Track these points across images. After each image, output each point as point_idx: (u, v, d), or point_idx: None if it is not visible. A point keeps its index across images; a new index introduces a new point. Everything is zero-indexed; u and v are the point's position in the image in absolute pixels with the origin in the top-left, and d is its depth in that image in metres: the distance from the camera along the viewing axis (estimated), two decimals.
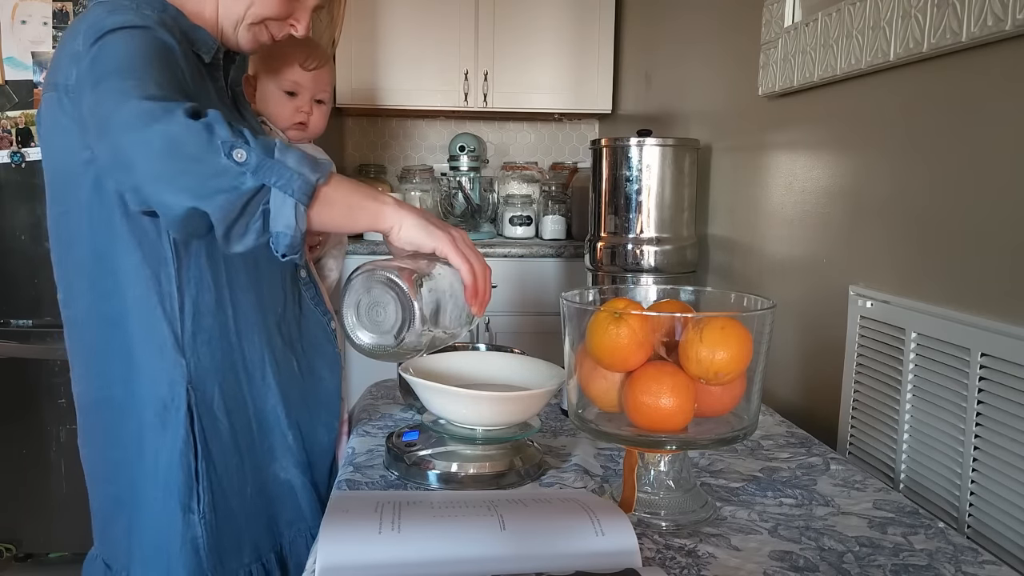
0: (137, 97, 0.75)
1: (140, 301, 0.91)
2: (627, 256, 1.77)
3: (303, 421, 1.06)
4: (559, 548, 0.67)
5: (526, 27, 2.73)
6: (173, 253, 0.91)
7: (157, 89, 0.77)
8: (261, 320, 1.00)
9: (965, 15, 0.91)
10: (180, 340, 0.92)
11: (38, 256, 2.12)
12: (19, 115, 2.06)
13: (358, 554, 0.65)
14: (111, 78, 0.78)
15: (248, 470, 0.99)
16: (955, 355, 0.92)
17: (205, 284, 0.93)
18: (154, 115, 0.74)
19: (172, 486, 0.93)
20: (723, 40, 1.78)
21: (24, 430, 2.17)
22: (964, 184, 0.95)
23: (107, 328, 0.93)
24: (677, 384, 0.75)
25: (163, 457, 0.93)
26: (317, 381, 1.09)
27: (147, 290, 0.91)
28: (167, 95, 0.77)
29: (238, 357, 0.97)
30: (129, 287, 0.91)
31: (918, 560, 0.73)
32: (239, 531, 0.97)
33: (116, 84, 0.77)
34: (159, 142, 0.73)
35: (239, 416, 0.98)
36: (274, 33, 1.08)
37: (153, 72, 0.80)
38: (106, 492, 1.01)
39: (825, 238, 1.29)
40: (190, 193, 0.74)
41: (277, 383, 1.01)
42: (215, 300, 0.94)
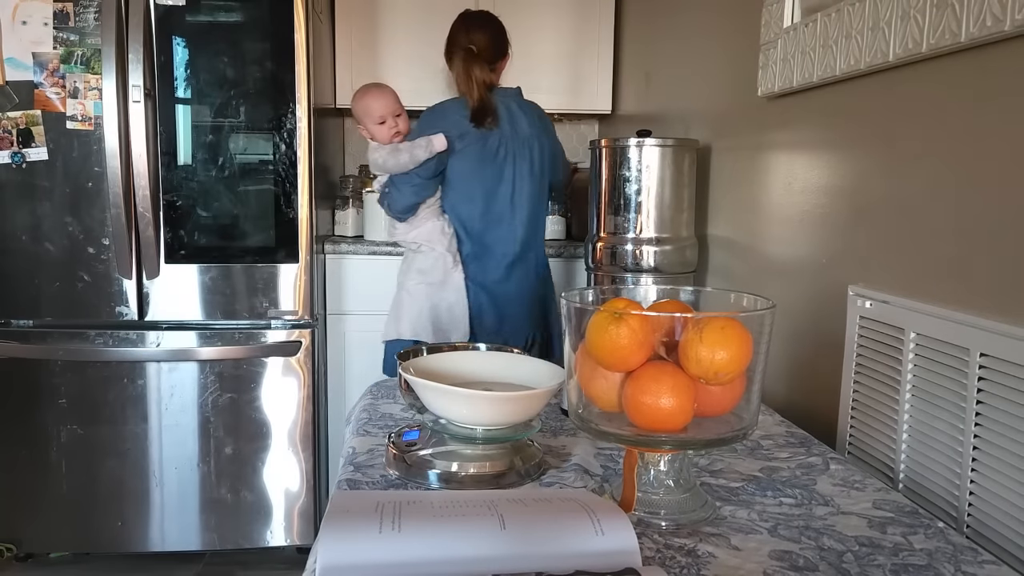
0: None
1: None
2: (627, 256, 1.77)
3: None
4: (559, 547, 0.67)
5: (526, 27, 2.73)
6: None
7: None
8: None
9: (964, 16, 0.91)
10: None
11: (38, 256, 2.12)
12: (20, 115, 2.07)
13: (358, 553, 0.65)
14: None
15: None
16: (954, 355, 0.92)
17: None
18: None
19: None
20: (722, 40, 1.78)
21: (24, 430, 2.17)
22: (964, 184, 0.95)
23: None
24: (677, 384, 0.75)
25: None
26: None
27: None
28: None
29: None
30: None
31: (918, 560, 0.73)
32: None
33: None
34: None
35: None
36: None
37: None
38: None
39: (824, 238, 1.29)
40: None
41: None
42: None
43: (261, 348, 2.20)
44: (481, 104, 1.97)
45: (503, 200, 2.04)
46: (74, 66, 2.06)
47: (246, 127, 2.16)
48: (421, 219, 2.01)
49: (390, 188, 2.00)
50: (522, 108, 2.08)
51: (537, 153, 2.08)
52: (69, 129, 2.08)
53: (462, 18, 2.10)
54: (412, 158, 1.93)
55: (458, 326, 2.01)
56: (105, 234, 2.13)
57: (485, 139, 2.00)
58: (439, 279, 2.00)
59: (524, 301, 2.09)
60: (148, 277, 2.15)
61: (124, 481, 2.21)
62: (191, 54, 2.13)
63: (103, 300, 2.15)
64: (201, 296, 2.18)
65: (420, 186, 1.97)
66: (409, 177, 1.96)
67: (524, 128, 2.06)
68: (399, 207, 1.99)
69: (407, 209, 1.99)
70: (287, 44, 2.13)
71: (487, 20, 2.10)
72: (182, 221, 2.16)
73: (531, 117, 2.08)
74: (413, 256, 2.05)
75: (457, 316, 2.01)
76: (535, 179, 2.08)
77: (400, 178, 1.97)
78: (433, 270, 2.01)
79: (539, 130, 2.09)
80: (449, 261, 2.01)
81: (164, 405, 2.20)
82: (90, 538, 2.24)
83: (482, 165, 2.01)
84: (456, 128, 1.96)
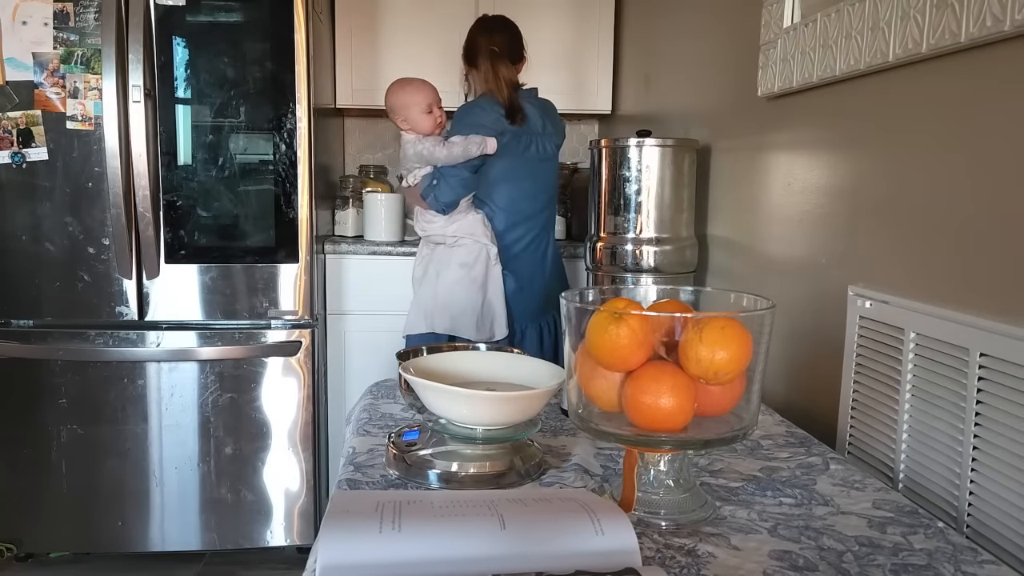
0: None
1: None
2: (627, 256, 1.77)
3: None
4: (559, 547, 0.67)
5: (526, 27, 2.72)
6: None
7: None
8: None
9: (964, 16, 0.91)
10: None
11: (38, 256, 2.12)
12: (20, 115, 2.07)
13: (358, 553, 0.65)
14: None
15: None
16: (954, 355, 0.92)
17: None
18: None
19: None
20: (722, 41, 1.78)
21: (24, 430, 2.17)
22: (963, 184, 0.95)
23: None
24: (677, 384, 0.75)
25: None
26: None
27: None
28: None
29: None
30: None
31: (917, 560, 0.73)
32: None
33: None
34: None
35: None
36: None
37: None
38: None
39: (824, 238, 1.29)
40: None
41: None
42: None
43: (261, 348, 2.20)
44: (512, 102, 2.05)
45: (529, 197, 2.13)
46: (74, 66, 2.06)
47: (246, 127, 2.16)
48: (460, 212, 2.06)
49: (438, 180, 2.03)
50: (541, 107, 2.16)
51: (553, 150, 2.18)
52: (69, 129, 2.08)
53: (480, 23, 2.19)
54: (465, 152, 1.99)
55: (498, 320, 2.08)
56: (105, 234, 2.13)
57: (519, 137, 2.08)
58: (482, 272, 2.06)
59: (546, 292, 2.18)
60: (148, 277, 2.15)
61: (124, 481, 2.21)
62: (191, 54, 2.13)
63: (103, 300, 2.15)
64: (201, 296, 2.18)
65: (469, 179, 2.04)
66: (459, 170, 2.01)
67: (545, 125, 2.15)
68: (447, 199, 2.03)
69: (453, 203, 2.04)
70: (287, 44, 2.13)
71: (505, 24, 2.17)
72: (182, 221, 2.16)
73: (550, 116, 2.18)
74: (450, 250, 2.08)
75: (497, 311, 2.08)
76: (553, 176, 2.20)
77: (450, 171, 2.01)
78: (476, 263, 2.05)
79: (556, 128, 2.19)
80: (493, 254, 2.07)
81: (164, 405, 2.20)
82: (90, 538, 2.24)
83: (515, 162, 2.09)
84: (496, 126, 2.04)
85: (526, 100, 2.12)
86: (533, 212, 2.15)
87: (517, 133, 2.07)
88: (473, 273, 2.05)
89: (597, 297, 0.91)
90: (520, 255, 2.15)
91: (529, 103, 2.13)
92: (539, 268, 2.19)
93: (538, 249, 2.19)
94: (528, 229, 2.15)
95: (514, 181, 2.12)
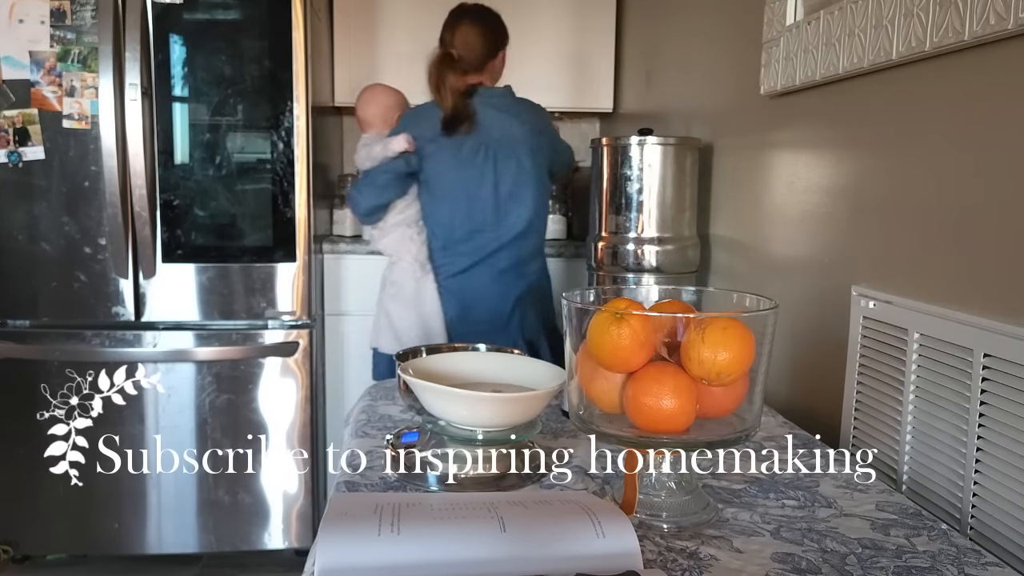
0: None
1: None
2: (628, 256, 1.77)
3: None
4: (560, 550, 0.67)
5: (526, 26, 2.72)
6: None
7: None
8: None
9: (967, 14, 0.90)
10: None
11: (35, 256, 2.11)
12: (16, 114, 2.06)
13: (357, 556, 0.64)
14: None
15: None
16: (958, 356, 0.91)
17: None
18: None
19: None
20: (724, 38, 1.77)
21: (21, 431, 2.16)
22: (967, 183, 0.95)
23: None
24: (679, 385, 0.74)
25: None
26: None
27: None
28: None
29: None
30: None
31: (921, 562, 0.72)
32: None
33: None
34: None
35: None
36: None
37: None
38: None
39: (827, 238, 1.28)
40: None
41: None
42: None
43: (259, 349, 2.19)
44: (454, 112, 1.90)
45: (485, 205, 1.94)
46: (71, 64, 2.05)
47: (244, 126, 2.16)
48: (390, 227, 1.98)
49: (356, 187, 1.97)
50: (509, 108, 1.98)
51: (527, 153, 1.96)
52: (66, 128, 2.07)
53: (453, 13, 2.01)
54: (369, 155, 1.92)
55: (434, 338, 1.94)
56: (102, 234, 2.12)
57: (460, 143, 1.92)
58: (411, 290, 1.95)
59: (510, 311, 1.98)
60: (145, 277, 2.14)
61: (121, 483, 2.20)
62: (188, 52, 2.12)
63: (100, 300, 2.14)
64: (198, 296, 2.18)
65: (382, 187, 1.92)
66: (372, 176, 1.93)
67: (510, 129, 1.95)
68: (360, 209, 1.96)
69: (368, 211, 1.95)
70: (285, 42, 2.12)
71: (479, 18, 1.99)
72: (179, 220, 2.15)
73: (520, 116, 1.98)
74: (390, 266, 2.03)
75: (433, 329, 1.95)
76: (527, 182, 1.97)
77: (366, 177, 1.95)
78: (404, 281, 1.97)
79: (530, 130, 1.98)
80: (418, 271, 1.95)
81: (161, 406, 2.19)
82: (87, 540, 2.23)
83: (459, 169, 1.92)
84: (429, 131, 1.91)
85: (488, 101, 1.95)
86: (490, 223, 1.94)
87: (459, 140, 1.91)
88: (403, 292, 1.97)
89: (598, 297, 0.90)
90: (458, 278, 1.97)
91: (491, 104, 1.95)
92: (506, 286, 1.97)
93: (503, 266, 1.96)
94: (485, 243, 1.94)
95: (451, 199, 1.94)
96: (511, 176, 1.94)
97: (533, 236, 2.03)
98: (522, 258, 2.00)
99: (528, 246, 2.01)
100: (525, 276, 2.01)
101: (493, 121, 1.94)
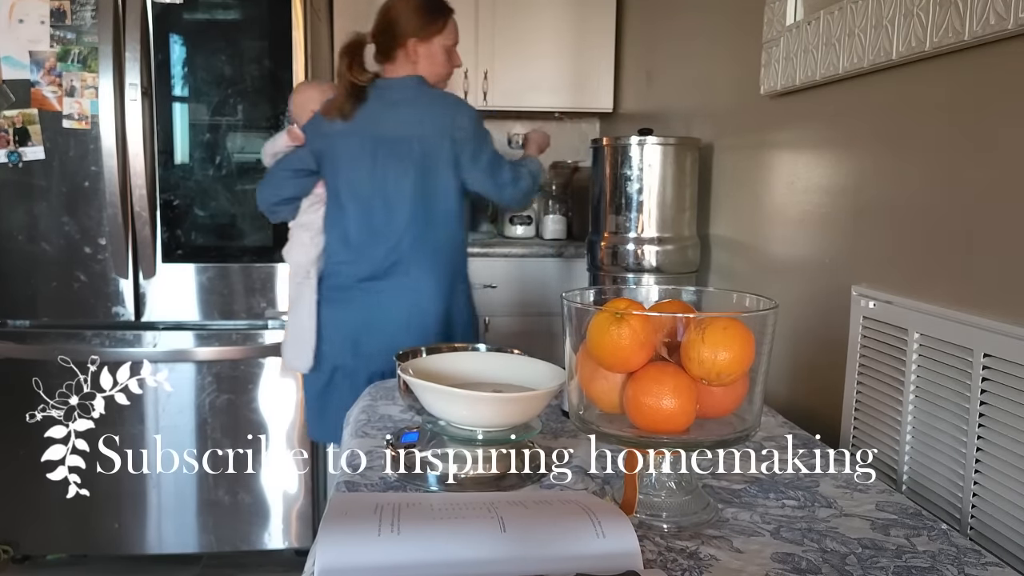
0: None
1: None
2: (628, 256, 1.77)
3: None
4: (560, 550, 0.67)
5: (526, 26, 2.73)
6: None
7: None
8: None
9: (967, 14, 0.90)
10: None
11: (35, 256, 2.11)
12: (16, 114, 2.06)
13: (357, 556, 0.64)
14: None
15: None
16: (958, 356, 0.91)
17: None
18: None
19: None
20: (725, 38, 1.77)
21: (20, 431, 2.16)
22: (967, 184, 0.95)
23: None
24: (679, 385, 0.74)
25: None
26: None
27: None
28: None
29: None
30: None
31: (921, 562, 0.72)
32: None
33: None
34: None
35: None
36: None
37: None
38: None
39: (827, 238, 1.28)
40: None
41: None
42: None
43: (259, 349, 2.19)
44: (330, 102, 1.73)
45: (379, 211, 1.70)
46: (71, 64, 2.05)
47: (244, 126, 2.16)
48: (293, 228, 1.83)
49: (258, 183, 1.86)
50: (412, 102, 1.71)
51: (418, 153, 1.68)
52: (66, 128, 2.07)
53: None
54: (271, 150, 1.84)
55: (304, 350, 1.76)
56: (102, 234, 2.12)
57: (348, 140, 1.70)
58: (296, 295, 1.79)
59: (397, 334, 1.68)
60: (145, 277, 2.14)
61: (121, 483, 2.20)
62: (188, 52, 2.12)
63: (100, 300, 2.14)
64: (198, 296, 2.18)
65: (277, 184, 1.79)
66: (271, 172, 1.82)
67: (403, 127, 1.69)
68: (259, 204, 1.83)
69: (266, 208, 1.82)
70: (285, 42, 2.12)
71: (388, 5, 1.77)
72: (179, 221, 2.15)
73: (422, 112, 1.70)
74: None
75: (305, 340, 1.76)
76: (423, 188, 1.69)
77: (266, 174, 1.85)
78: (292, 285, 1.81)
79: (432, 129, 1.69)
80: (300, 276, 1.77)
81: (161, 406, 2.19)
82: (87, 540, 2.22)
83: (351, 170, 1.71)
84: (325, 126, 1.72)
85: (380, 97, 1.70)
86: (383, 231, 1.70)
87: (347, 141, 1.69)
88: (292, 296, 1.81)
89: (598, 297, 0.90)
90: (338, 292, 1.75)
91: (383, 100, 1.70)
92: (392, 304, 1.71)
93: (393, 282, 1.71)
94: (379, 254, 1.70)
95: (348, 192, 1.72)
96: (405, 180, 1.68)
97: (434, 253, 1.73)
98: (417, 274, 1.72)
99: (421, 261, 1.71)
100: (422, 298, 1.72)
101: (384, 116, 1.69)
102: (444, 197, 1.72)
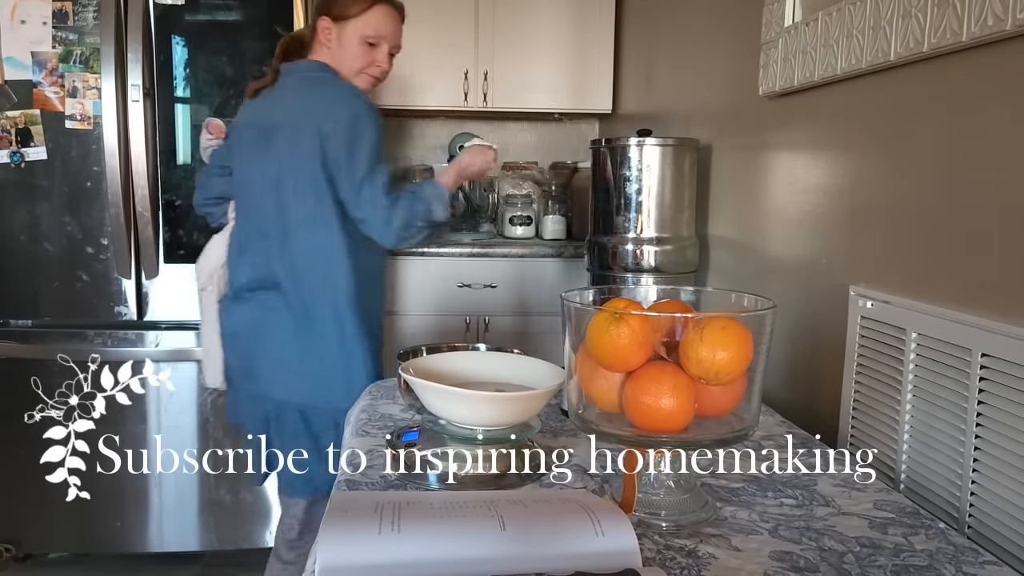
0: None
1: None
2: (627, 256, 1.77)
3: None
4: (559, 548, 0.67)
5: (526, 26, 2.73)
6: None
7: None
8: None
9: (965, 15, 0.91)
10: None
11: (37, 256, 2.12)
12: (19, 115, 2.06)
13: (358, 554, 0.65)
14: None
15: None
16: (956, 355, 0.91)
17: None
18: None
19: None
20: (723, 40, 1.78)
21: (23, 430, 2.16)
22: (965, 184, 0.95)
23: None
24: (677, 384, 0.74)
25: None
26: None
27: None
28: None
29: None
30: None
31: (919, 560, 0.73)
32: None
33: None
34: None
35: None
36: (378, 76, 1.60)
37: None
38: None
39: (826, 238, 1.29)
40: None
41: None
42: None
43: None
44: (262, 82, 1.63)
45: (252, 211, 1.55)
46: (73, 65, 2.06)
47: None
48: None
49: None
50: (298, 87, 1.52)
51: (282, 145, 1.47)
52: (68, 128, 2.08)
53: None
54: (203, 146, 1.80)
55: (210, 363, 1.63)
56: (104, 234, 2.12)
57: (241, 131, 1.58)
58: (200, 302, 1.69)
59: (272, 356, 1.53)
60: (147, 277, 2.15)
61: (123, 481, 2.20)
62: (190, 53, 2.12)
63: (102, 300, 2.15)
64: None
65: (203, 183, 1.74)
66: (204, 171, 1.77)
67: (279, 113, 1.50)
68: (193, 202, 1.78)
69: (198, 206, 1.76)
70: None
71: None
72: (181, 221, 2.15)
73: (301, 98, 1.50)
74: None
75: (211, 352, 1.63)
76: (285, 186, 1.48)
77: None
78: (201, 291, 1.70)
79: (301, 116, 1.47)
80: (204, 281, 1.64)
81: (163, 406, 2.20)
82: (89, 538, 2.23)
83: (238, 164, 1.58)
84: (238, 117, 1.63)
85: (283, 83, 1.55)
86: (257, 236, 1.52)
87: (247, 131, 1.54)
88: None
89: (597, 297, 0.90)
90: (228, 299, 1.61)
91: (283, 86, 1.55)
92: (265, 320, 1.53)
93: (273, 296, 1.52)
94: (250, 266, 1.53)
95: (244, 191, 1.57)
96: (258, 176, 1.52)
97: (314, 265, 1.50)
98: (295, 290, 1.51)
99: (297, 273, 1.50)
100: (297, 316, 1.51)
101: (269, 103, 1.54)
102: (312, 200, 1.47)
